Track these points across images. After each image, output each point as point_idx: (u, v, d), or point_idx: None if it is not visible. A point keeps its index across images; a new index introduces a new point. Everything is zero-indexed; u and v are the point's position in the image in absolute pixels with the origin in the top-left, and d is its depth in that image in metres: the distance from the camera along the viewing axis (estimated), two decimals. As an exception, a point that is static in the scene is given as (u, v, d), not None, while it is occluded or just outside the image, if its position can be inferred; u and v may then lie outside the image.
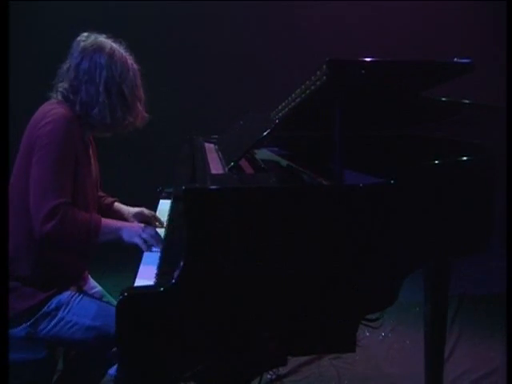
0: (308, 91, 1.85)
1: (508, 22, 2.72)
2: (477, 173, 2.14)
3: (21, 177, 1.96)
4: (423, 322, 2.46)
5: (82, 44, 2.05)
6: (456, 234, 2.07)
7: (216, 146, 2.69)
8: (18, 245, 1.98)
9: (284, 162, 2.53)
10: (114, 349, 1.96)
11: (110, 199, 2.46)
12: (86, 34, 2.10)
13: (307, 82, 1.85)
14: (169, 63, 2.09)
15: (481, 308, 3.90)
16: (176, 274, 1.63)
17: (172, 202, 2.54)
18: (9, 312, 1.94)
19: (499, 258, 2.20)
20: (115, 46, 2.09)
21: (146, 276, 1.86)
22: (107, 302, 2.19)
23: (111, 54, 2.05)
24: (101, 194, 2.42)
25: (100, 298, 2.23)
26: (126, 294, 1.62)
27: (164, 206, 2.72)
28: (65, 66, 2.08)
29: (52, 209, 1.82)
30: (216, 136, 3.14)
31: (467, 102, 2.20)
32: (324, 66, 1.68)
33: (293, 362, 3.07)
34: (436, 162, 2.01)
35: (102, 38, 2.09)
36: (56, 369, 2.22)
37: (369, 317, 1.85)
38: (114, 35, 2.15)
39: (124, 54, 2.10)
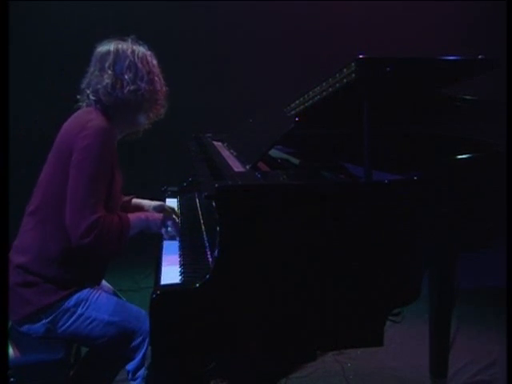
0: (332, 88, 1.87)
1: (508, 21, 2.76)
2: (491, 169, 2.18)
3: (56, 184, 1.97)
4: (423, 315, 2.49)
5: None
6: (474, 228, 2.11)
7: (225, 144, 2.69)
8: (47, 246, 1.99)
9: (294, 160, 2.53)
10: (132, 344, 1.98)
11: (127, 197, 2.47)
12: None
13: (330, 80, 1.87)
14: (168, 63, 2.10)
15: (476, 301, 3.96)
16: (210, 269, 1.64)
17: (201, 199, 2.52)
18: (28, 307, 1.95)
19: (494, 251, 2.25)
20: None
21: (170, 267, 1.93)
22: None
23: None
24: None
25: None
26: (158, 292, 1.62)
27: (170, 205, 2.71)
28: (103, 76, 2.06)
29: (89, 225, 1.84)
30: (209, 134, 3.14)
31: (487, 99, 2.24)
32: (353, 64, 1.70)
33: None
34: (456, 157, 2.06)
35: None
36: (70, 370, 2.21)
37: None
38: (114, 35, 2.15)
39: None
